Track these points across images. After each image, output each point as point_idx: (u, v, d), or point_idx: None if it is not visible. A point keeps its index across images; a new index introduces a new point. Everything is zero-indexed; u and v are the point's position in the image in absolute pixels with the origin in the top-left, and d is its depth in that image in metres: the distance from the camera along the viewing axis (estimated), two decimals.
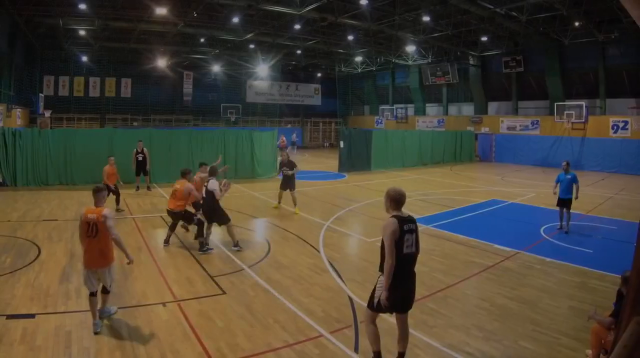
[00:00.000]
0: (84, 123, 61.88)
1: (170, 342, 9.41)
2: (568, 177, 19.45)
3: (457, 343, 9.56)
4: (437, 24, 44.54)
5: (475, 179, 37.89)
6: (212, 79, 69.08)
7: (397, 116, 68.39)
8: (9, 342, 9.06)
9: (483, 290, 12.70)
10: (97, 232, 9.92)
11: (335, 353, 9.17)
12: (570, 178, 19.39)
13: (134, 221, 20.29)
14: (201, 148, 32.36)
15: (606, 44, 43.99)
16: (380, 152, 42.79)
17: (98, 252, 10.03)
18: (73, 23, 43.57)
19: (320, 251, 16.25)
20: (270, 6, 38.27)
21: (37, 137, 28.66)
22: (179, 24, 43.78)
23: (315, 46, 56.68)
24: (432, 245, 17.04)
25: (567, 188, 19.27)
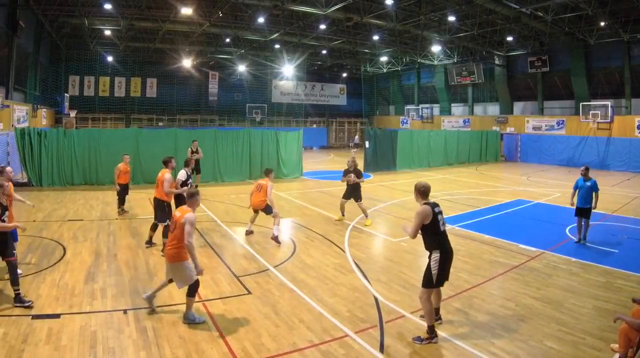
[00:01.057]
0: (109, 123, 62.11)
1: (195, 342, 9.44)
2: (587, 184, 17.53)
3: (483, 343, 9.56)
4: (462, 23, 44.49)
5: (501, 179, 37.75)
6: (237, 78, 68.95)
7: (422, 116, 68.16)
8: (35, 342, 9.10)
9: (508, 290, 12.67)
10: (174, 229, 10.32)
11: (361, 353, 9.14)
12: (590, 185, 17.49)
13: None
14: (226, 148, 32.43)
15: (632, 43, 43.67)
16: (406, 152, 42.78)
17: (172, 247, 10.36)
18: (98, 23, 43.96)
19: (345, 251, 16.24)
20: (296, 6, 38.39)
21: (62, 137, 28.74)
22: (204, 23, 43.95)
23: (341, 46, 56.66)
24: (458, 245, 16.77)
25: (586, 197, 17.45)
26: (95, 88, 60.69)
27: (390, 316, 10.83)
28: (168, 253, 10.50)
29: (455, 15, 41.00)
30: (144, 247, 16.04)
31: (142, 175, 30.12)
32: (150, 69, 63.53)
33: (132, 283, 12.67)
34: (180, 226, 10.17)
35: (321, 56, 64.99)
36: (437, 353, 9.15)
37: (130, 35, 51.36)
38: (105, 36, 50.06)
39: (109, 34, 48.82)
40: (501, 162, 53.13)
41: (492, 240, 17.90)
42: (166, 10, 41.99)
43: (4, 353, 8.62)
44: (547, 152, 51.40)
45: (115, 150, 28.53)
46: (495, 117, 58.47)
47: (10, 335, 9.36)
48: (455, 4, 38.71)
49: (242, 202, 24.62)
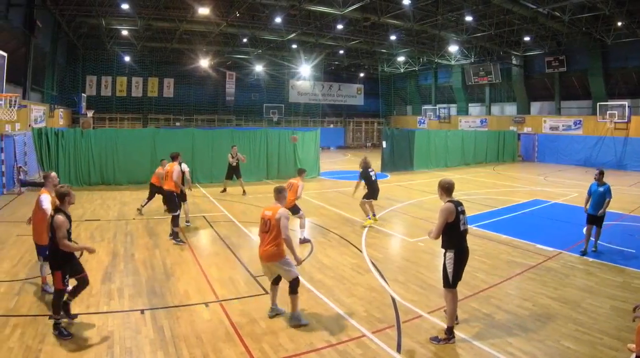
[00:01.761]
0: (126, 123, 62.39)
1: (212, 342, 9.49)
2: (600, 189, 16.17)
3: (500, 343, 9.57)
4: (479, 23, 44.48)
5: (518, 179, 37.64)
6: (254, 78, 69.07)
7: (439, 116, 68.13)
8: (52, 342, 9.21)
9: (525, 290, 12.67)
10: (269, 228, 10.48)
11: (378, 353, 9.17)
12: (603, 191, 16.14)
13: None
14: (243, 148, 32.17)
15: None
16: (423, 152, 42.75)
17: (273, 246, 10.46)
18: (115, 23, 44.14)
19: (362, 251, 16.27)
20: (313, 6, 38.43)
21: (79, 137, 28.85)
22: (222, 24, 44.01)
23: (358, 46, 56.69)
24: (475, 245, 16.77)
25: (599, 203, 16.08)
26: (112, 88, 60.99)
27: (408, 316, 10.85)
28: (268, 252, 10.53)
29: (472, 15, 40.97)
30: (161, 246, 16.12)
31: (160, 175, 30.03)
32: (167, 69, 63.81)
33: (149, 283, 12.74)
34: (276, 222, 10.35)
35: (338, 56, 65.00)
36: (454, 353, 9.18)
37: (148, 35, 51.59)
38: (123, 36, 50.27)
39: (126, 34, 49.05)
40: (518, 162, 52.97)
41: (510, 240, 17.90)
42: (183, 10, 42.16)
43: (21, 352, 8.76)
44: (564, 152, 51.25)
45: (133, 150, 29.01)
46: (513, 117, 58.32)
47: (27, 335, 9.45)
48: (473, 4, 38.74)
49: (259, 202, 24.70)
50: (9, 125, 27.30)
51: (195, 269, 13.68)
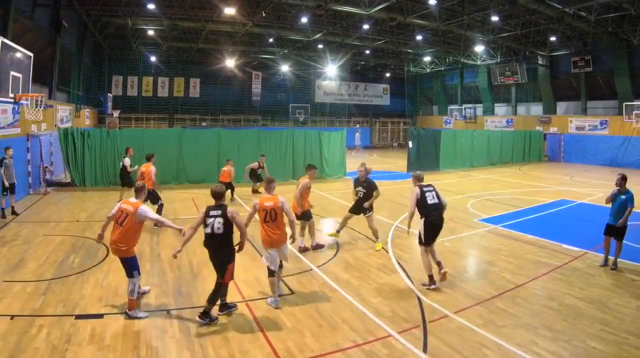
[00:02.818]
0: (152, 123, 62.76)
1: (238, 341, 9.55)
2: (622, 197, 14.57)
3: (526, 343, 9.57)
4: (505, 23, 44.38)
5: (544, 179, 37.45)
6: (280, 78, 69.22)
7: (465, 116, 67.95)
8: (78, 342, 9.27)
9: (551, 290, 12.67)
10: (275, 216, 11.73)
11: (404, 353, 9.20)
12: (625, 198, 14.51)
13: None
14: (269, 148, 32.46)
15: None
16: (449, 152, 42.67)
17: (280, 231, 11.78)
18: (141, 23, 44.53)
19: (388, 251, 16.36)
20: (339, 6, 38.49)
21: (105, 137, 29.08)
22: (248, 24, 44.20)
23: (384, 46, 56.69)
24: (501, 245, 17.09)
25: (620, 212, 14.49)
26: (138, 88, 61.39)
27: (434, 316, 10.87)
28: (277, 238, 11.65)
29: (498, 15, 40.93)
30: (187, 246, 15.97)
31: (186, 175, 30.50)
32: (193, 69, 64.07)
33: (175, 283, 12.87)
34: (280, 210, 11.73)
35: (364, 56, 65.01)
36: (481, 352, 9.20)
37: (174, 35, 51.94)
38: (149, 36, 50.67)
39: (152, 34, 49.46)
40: (544, 162, 52.71)
41: (535, 240, 17.86)
42: (209, 10, 42.33)
43: (47, 353, 8.83)
44: (590, 152, 50.98)
45: (159, 151, 28.52)
46: (539, 117, 58.10)
47: (53, 335, 9.51)
48: (499, 4, 38.73)
49: None
50: (35, 125, 27.48)
51: None
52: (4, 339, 9.26)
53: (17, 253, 15.08)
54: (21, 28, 28.50)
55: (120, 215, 10.70)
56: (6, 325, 9.90)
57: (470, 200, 26.28)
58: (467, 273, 13.77)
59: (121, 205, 10.91)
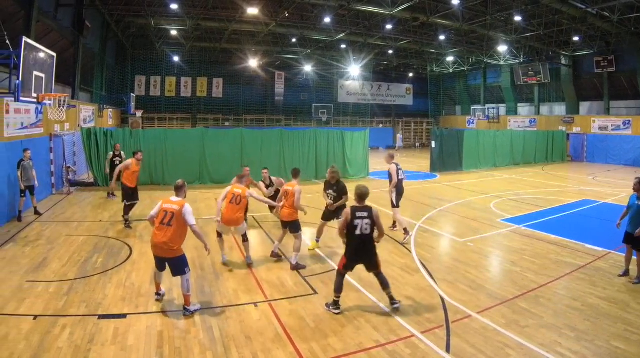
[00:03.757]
0: (175, 123, 63.06)
1: (261, 342, 9.56)
2: (638, 203, 13.26)
3: (549, 343, 9.56)
4: (528, 23, 44.32)
5: (567, 179, 37.42)
6: (303, 78, 69.37)
7: (488, 116, 67.85)
8: (101, 342, 9.30)
9: (574, 290, 12.64)
10: (240, 200, 14.34)
11: (427, 353, 9.20)
12: None
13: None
14: (292, 148, 32.56)
15: None
16: (472, 152, 42.56)
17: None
18: (164, 23, 44.76)
19: (411, 251, 16.29)
20: (362, 6, 38.53)
21: (128, 137, 29.09)
22: (271, 24, 44.37)
23: (407, 46, 56.67)
24: (524, 245, 17.05)
25: (636, 219, 13.25)
26: (161, 88, 61.67)
27: (457, 316, 10.87)
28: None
29: (521, 15, 40.89)
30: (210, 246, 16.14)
31: (209, 175, 30.48)
32: (216, 69, 64.17)
33: (198, 283, 12.87)
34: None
35: (387, 56, 64.89)
36: (504, 353, 9.19)
37: (197, 35, 52.16)
38: (172, 36, 50.94)
39: (175, 34, 49.68)
40: (567, 162, 52.56)
41: (559, 240, 17.81)
42: (232, 10, 42.45)
43: (70, 353, 8.86)
44: (614, 152, 50.78)
45: (182, 150, 29.27)
46: (562, 117, 57.87)
47: (76, 335, 9.55)
48: (522, 4, 38.71)
49: (307, 202, 24.11)
50: (58, 125, 27.62)
51: (244, 269, 13.78)
52: (27, 339, 9.32)
53: (40, 253, 15.14)
54: (44, 28, 28.72)
55: (164, 215, 10.76)
56: (29, 325, 9.95)
57: (493, 200, 26.27)
58: (490, 273, 13.77)
59: (163, 205, 10.94)
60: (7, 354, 8.72)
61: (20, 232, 18.05)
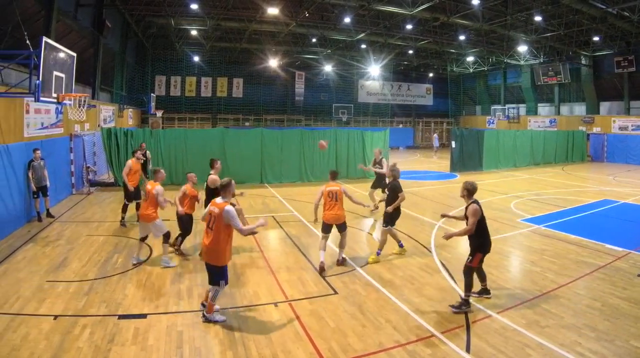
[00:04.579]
0: (195, 123, 63.22)
1: (281, 342, 9.62)
2: None
3: (569, 343, 9.57)
4: (548, 23, 44.18)
5: (587, 179, 37.23)
6: (323, 78, 69.39)
7: (508, 116, 67.46)
8: (121, 342, 9.40)
9: (595, 290, 12.60)
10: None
11: (447, 353, 9.23)
12: None
13: (245, 221, 20.43)
14: (312, 148, 32.41)
15: None
16: (492, 152, 42.47)
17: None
18: (184, 23, 44.99)
19: (431, 251, 16.35)
20: (382, 6, 38.58)
21: (148, 137, 29.14)
22: (291, 23, 44.50)
23: (427, 46, 56.61)
24: (544, 245, 17.04)
25: None
26: (181, 88, 61.93)
27: (477, 316, 10.90)
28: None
29: (541, 15, 40.78)
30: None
31: (229, 175, 29.86)
32: (236, 69, 64.34)
33: None
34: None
35: (407, 56, 64.91)
36: (524, 353, 9.20)
37: (217, 35, 52.36)
38: (192, 36, 51.08)
39: (195, 34, 49.78)
40: (587, 162, 52.29)
41: (579, 240, 17.77)
42: (252, 11, 42.64)
43: (90, 353, 9.00)
44: (634, 152, 50.50)
45: (202, 150, 29.06)
46: (582, 117, 57.61)
47: (97, 335, 9.66)
48: (542, 4, 38.50)
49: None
50: (78, 125, 27.76)
51: (264, 270, 13.77)
52: (47, 339, 9.42)
53: (61, 253, 15.25)
54: (64, 28, 28.95)
55: (209, 218, 10.47)
56: (50, 325, 10.07)
57: (513, 200, 26.22)
58: (510, 273, 13.80)
59: (210, 207, 10.64)
60: (27, 354, 8.83)
61: (40, 232, 18.19)
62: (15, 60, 16.92)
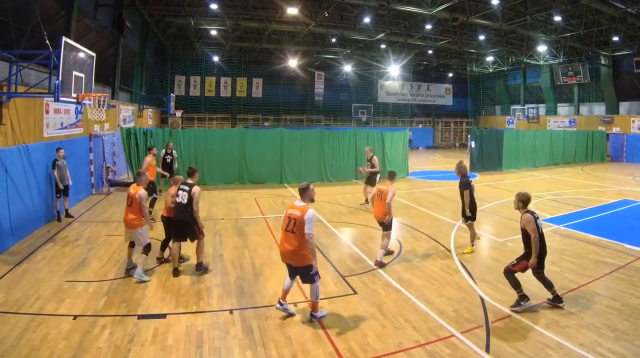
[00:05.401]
0: (215, 123, 63.51)
1: (301, 341, 9.68)
2: None
3: (589, 343, 9.56)
4: (568, 23, 44.14)
5: (607, 179, 37.04)
6: (343, 78, 69.47)
7: (528, 116, 67.33)
8: (141, 342, 9.48)
9: (614, 290, 12.59)
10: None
11: (467, 353, 9.26)
12: None
13: (265, 221, 20.66)
14: (332, 148, 32.65)
15: None
16: (512, 152, 42.34)
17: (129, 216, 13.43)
18: (204, 23, 45.30)
19: (451, 251, 16.36)
20: (402, 6, 38.60)
21: (168, 137, 29.05)
22: (310, 23, 44.58)
23: (447, 46, 56.67)
24: (563, 245, 17.02)
25: None
26: (201, 88, 62.19)
27: (497, 316, 10.93)
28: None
29: (561, 15, 40.83)
30: (250, 247, 16.31)
31: (249, 175, 30.56)
32: (256, 69, 64.60)
33: (238, 283, 12.99)
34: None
35: (427, 56, 64.92)
36: (543, 353, 9.21)
37: (236, 35, 52.49)
38: (211, 36, 51.42)
39: (214, 34, 50.11)
40: (607, 162, 52.04)
41: (598, 240, 17.74)
42: (272, 11, 42.84)
43: (110, 353, 9.08)
44: None
45: (221, 150, 29.41)
46: (601, 117, 57.42)
47: (116, 335, 9.75)
48: (561, 4, 38.49)
49: (347, 202, 24.97)
50: (97, 125, 27.92)
51: (284, 269, 13.24)
52: (67, 339, 9.52)
53: (80, 253, 15.36)
54: (83, 28, 29.13)
55: (287, 222, 10.44)
56: (69, 325, 10.18)
57: (533, 200, 25.28)
58: (529, 273, 13.86)
59: (288, 210, 10.64)
60: (47, 354, 8.92)
61: (60, 232, 18.30)
62: (35, 60, 17.01)
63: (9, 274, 13.31)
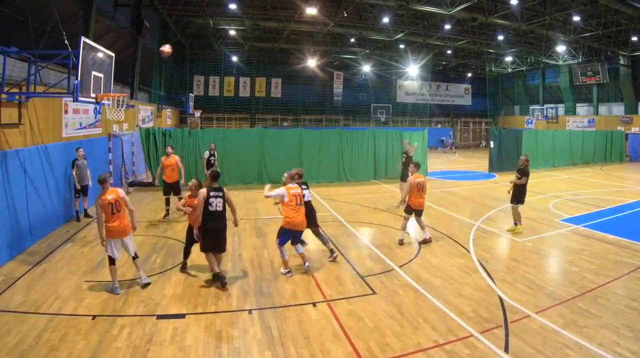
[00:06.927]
0: (234, 123, 63.62)
1: (320, 341, 9.70)
2: None
3: (608, 343, 9.55)
4: (587, 23, 43.94)
5: (626, 179, 36.91)
6: (362, 78, 69.41)
7: (547, 116, 66.98)
8: (159, 342, 9.53)
9: (633, 290, 12.56)
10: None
11: (486, 353, 9.26)
12: None
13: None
14: (351, 148, 32.66)
15: None
16: (531, 152, 40.39)
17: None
18: (223, 23, 45.22)
19: (470, 251, 16.33)
20: (421, 6, 38.51)
21: (187, 137, 29.39)
22: (329, 23, 44.49)
23: (465, 46, 56.40)
24: (582, 245, 16.96)
25: None
26: (220, 88, 62.35)
27: (516, 316, 10.89)
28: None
29: (580, 15, 40.65)
30: (269, 246, 16.38)
31: (268, 175, 30.29)
32: (274, 69, 64.73)
33: (256, 283, 13.02)
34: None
35: (446, 56, 64.77)
36: (562, 353, 9.21)
37: (255, 35, 52.67)
38: (230, 36, 51.48)
39: (233, 34, 50.19)
40: (626, 162, 51.79)
41: (617, 240, 17.68)
42: (291, 11, 42.78)
43: (129, 353, 9.12)
44: None
45: (240, 150, 29.52)
46: (620, 117, 57.18)
47: (135, 335, 9.80)
48: (580, 4, 38.33)
49: (366, 202, 24.94)
50: (116, 125, 28.03)
51: (302, 269, 13.76)
52: (85, 339, 9.58)
53: (99, 253, 15.35)
54: (102, 28, 29.40)
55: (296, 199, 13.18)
56: (88, 325, 10.25)
57: (552, 200, 26.06)
58: (548, 273, 13.80)
59: (290, 191, 12.50)
60: (66, 354, 8.98)
61: (78, 232, 18.41)
62: (54, 60, 17.06)
63: (27, 274, 13.41)
